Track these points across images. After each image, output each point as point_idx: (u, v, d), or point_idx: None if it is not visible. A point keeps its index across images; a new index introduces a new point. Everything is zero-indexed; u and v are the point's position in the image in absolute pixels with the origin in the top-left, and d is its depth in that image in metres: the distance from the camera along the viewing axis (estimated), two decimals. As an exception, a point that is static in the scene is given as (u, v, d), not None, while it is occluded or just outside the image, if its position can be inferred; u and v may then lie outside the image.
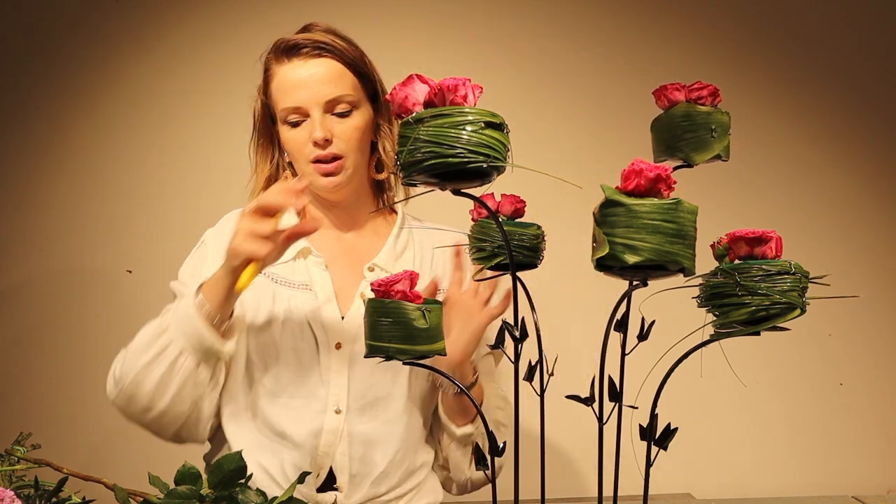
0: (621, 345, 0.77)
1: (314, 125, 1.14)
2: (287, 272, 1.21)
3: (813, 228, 1.83)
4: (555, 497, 1.61)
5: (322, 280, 1.20)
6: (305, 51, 1.15)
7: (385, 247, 1.24)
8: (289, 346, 1.16)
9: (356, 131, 1.18)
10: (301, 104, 1.15)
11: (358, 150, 1.19)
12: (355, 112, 1.18)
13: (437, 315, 0.75)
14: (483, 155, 0.67)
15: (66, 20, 1.79)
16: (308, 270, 1.21)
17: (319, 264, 1.21)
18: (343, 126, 1.16)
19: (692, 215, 0.69)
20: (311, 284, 1.20)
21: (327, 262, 1.22)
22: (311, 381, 1.15)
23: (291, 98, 1.15)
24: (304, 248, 1.21)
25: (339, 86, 1.16)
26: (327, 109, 1.16)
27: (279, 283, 1.20)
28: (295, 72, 1.15)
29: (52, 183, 1.80)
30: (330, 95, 1.15)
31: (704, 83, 0.78)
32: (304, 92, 1.15)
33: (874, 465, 1.85)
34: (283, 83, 1.16)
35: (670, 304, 0.84)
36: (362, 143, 1.20)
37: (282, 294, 1.19)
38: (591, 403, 0.78)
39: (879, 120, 1.85)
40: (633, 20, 1.82)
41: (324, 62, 1.16)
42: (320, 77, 1.15)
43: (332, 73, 1.16)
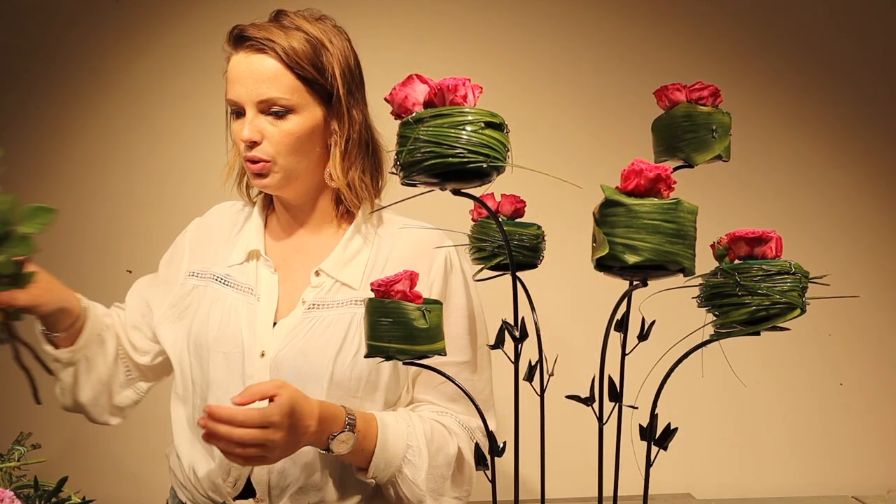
0: (621, 345, 0.77)
1: (244, 124, 1.12)
2: (237, 273, 1.20)
3: (813, 228, 1.83)
4: (555, 497, 1.61)
5: (268, 284, 1.18)
6: (249, 43, 1.11)
7: (334, 251, 1.19)
8: (220, 349, 1.14)
9: (289, 136, 1.12)
10: (237, 99, 1.12)
11: (292, 155, 1.13)
12: (293, 116, 1.12)
13: (438, 315, 0.75)
14: (483, 155, 0.67)
15: (66, 20, 1.79)
16: (257, 273, 1.19)
17: (269, 267, 1.19)
18: (275, 129, 1.12)
19: (692, 215, 0.69)
20: (256, 288, 1.18)
21: (277, 266, 1.20)
22: (234, 390, 1.08)
23: (231, 90, 1.13)
24: (253, 251, 1.20)
25: (273, 87, 1.11)
26: (261, 109, 1.12)
27: (228, 284, 1.19)
28: (238, 64, 1.12)
29: (52, 183, 1.80)
30: (263, 96, 1.11)
31: (705, 83, 0.78)
32: (241, 87, 1.11)
33: (874, 465, 1.85)
34: (230, 73, 1.14)
35: (670, 304, 0.84)
36: (298, 148, 1.14)
37: (226, 296, 1.18)
38: (591, 403, 0.78)
39: (879, 120, 1.85)
40: (633, 20, 1.82)
41: (264, 60, 1.11)
42: (257, 75, 1.11)
43: (270, 73, 1.11)
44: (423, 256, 1.19)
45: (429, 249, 1.20)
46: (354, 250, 1.20)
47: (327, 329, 1.14)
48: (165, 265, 1.28)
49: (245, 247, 1.22)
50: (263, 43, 1.11)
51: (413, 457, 1.10)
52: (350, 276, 1.17)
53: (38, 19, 1.80)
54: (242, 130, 1.11)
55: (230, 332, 1.15)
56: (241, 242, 1.23)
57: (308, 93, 1.14)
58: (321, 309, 1.15)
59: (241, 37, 1.12)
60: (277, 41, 1.11)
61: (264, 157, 1.12)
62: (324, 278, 1.17)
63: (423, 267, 1.18)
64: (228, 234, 1.25)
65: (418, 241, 1.21)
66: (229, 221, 1.27)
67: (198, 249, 1.25)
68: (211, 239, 1.25)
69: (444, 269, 1.19)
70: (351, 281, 1.17)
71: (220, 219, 1.28)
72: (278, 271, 1.20)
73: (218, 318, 1.16)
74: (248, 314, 1.16)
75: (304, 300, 1.16)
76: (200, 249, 1.25)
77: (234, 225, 1.26)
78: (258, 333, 1.15)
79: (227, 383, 1.13)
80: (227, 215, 1.29)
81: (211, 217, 1.30)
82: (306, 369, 1.11)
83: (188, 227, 1.30)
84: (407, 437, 1.11)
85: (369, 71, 1.23)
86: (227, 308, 1.17)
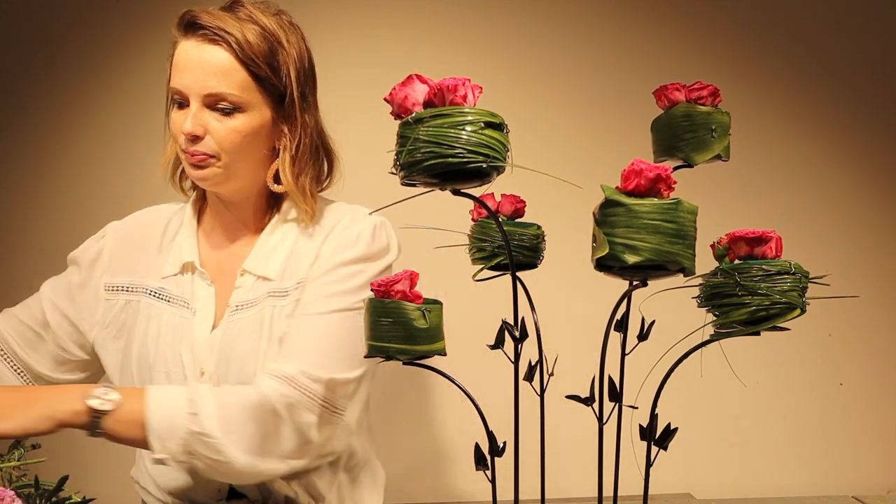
0: (621, 345, 0.77)
1: (186, 115, 1.06)
2: (173, 287, 1.14)
3: (813, 228, 1.83)
4: (555, 497, 1.61)
5: (205, 296, 1.13)
6: (202, 32, 1.05)
7: (254, 247, 1.14)
8: (161, 369, 1.09)
9: (235, 134, 1.06)
10: (182, 89, 1.06)
11: (237, 154, 1.08)
12: (240, 114, 1.06)
13: (438, 315, 0.75)
14: (483, 155, 0.67)
15: (66, 20, 1.79)
16: (192, 285, 1.13)
17: (204, 278, 1.14)
18: (221, 126, 1.06)
19: (692, 215, 0.69)
20: (192, 301, 1.12)
21: (213, 275, 1.14)
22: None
23: (177, 79, 1.06)
24: (187, 263, 1.14)
25: (224, 82, 1.05)
26: (208, 103, 1.06)
27: (162, 298, 1.13)
28: (187, 52, 1.06)
29: (52, 183, 1.80)
30: (211, 90, 1.04)
31: (705, 83, 0.78)
32: (188, 77, 1.05)
33: (874, 465, 1.85)
34: (177, 60, 1.07)
35: (670, 304, 0.84)
36: (243, 148, 1.08)
37: (162, 312, 1.12)
38: (591, 403, 0.78)
39: (879, 120, 1.85)
40: (633, 20, 1.82)
41: (216, 52, 1.05)
42: (207, 67, 1.04)
43: (221, 67, 1.04)
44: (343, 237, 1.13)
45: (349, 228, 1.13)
46: (275, 243, 1.14)
47: (251, 332, 1.09)
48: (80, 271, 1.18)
49: (178, 258, 1.15)
50: (217, 33, 1.05)
51: (199, 408, 0.97)
52: (269, 269, 1.12)
53: (38, 19, 1.80)
54: (184, 122, 1.05)
55: (169, 352, 1.10)
56: (175, 253, 1.16)
57: (259, 91, 1.08)
58: (244, 309, 1.10)
59: (194, 23, 1.06)
60: (233, 33, 1.05)
61: (209, 153, 1.07)
62: (247, 277, 1.12)
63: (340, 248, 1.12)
64: (159, 244, 1.18)
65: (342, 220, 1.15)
66: (158, 230, 1.20)
67: (121, 258, 1.18)
68: (137, 248, 1.18)
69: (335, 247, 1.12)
70: (269, 273, 1.11)
71: (145, 226, 1.21)
72: (214, 282, 1.14)
73: (156, 337, 1.11)
74: (185, 330, 1.10)
75: (230, 304, 1.11)
76: (125, 259, 1.17)
77: (164, 233, 1.19)
78: (195, 351, 1.10)
79: None
80: (155, 222, 1.21)
81: (135, 224, 1.22)
82: (244, 378, 1.07)
83: (105, 230, 1.22)
84: (188, 393, 0.99)
85: (369, 71, 1.23)
86: (165, 325, 1.11)
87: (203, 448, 0.97)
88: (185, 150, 1.07)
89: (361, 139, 1.74)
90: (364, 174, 1.34)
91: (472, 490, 1.73)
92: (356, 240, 1.12)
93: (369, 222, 1.15)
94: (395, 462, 1.78)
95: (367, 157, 1.30)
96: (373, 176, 1.20)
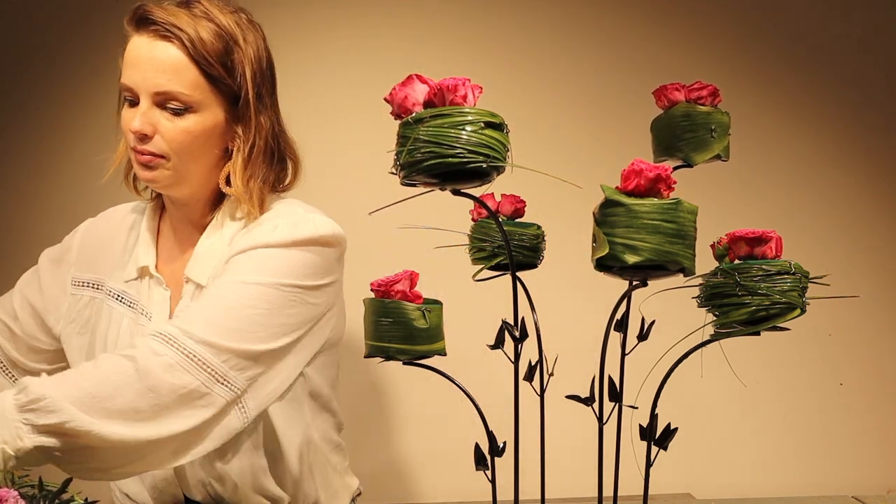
0: (621, 345, 0.77)
1: (135, 113, 1.02)
2: (133, 290, 1.12)
3: (813, 228, 1.83)
4: (555, 497, 1.61)
5: (160, 300, 1.10)
6: (154, 28, 1.01)
7: (193, 254, 1.10)
8: None
9: (186, 135, 1.03)
10: (132, 86, 1.02)
11: (187, 155, 1.04)
12: (191, 114, 1.03)
13: (438, 315, 0.75)
14: (483, 155, 0.67)
15: (66, 20, 1.79)
16: (149, 290, 1.11)
17: (159, 283, 1.11)
18: (171, 125, 1.02)
19: (692, 215, 0.69)
20: (149, 306, 1.10)
21: (168, 279, 1.11)
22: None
23: (127, 75, 1.03)
24: (143, 267, 1.12)
25: (174, 80, 1.01)
26: (158, 102, 1.02)
27: (123, 301, 1.12)
28: (138, 48, 1.02)
29: (52, 183, 1.80)
30: (161, 88, 1.01)
31: (704, 83, 0.78)
32: (138, 74, 1.02)
33: (874, 465, 1.85)
34: (127, 56, 1.04)
35: (670, 304, 0.84)
36: (194, 149, 1.04)
37: (122, 316, 1.11)
38: (591, 403, 0.78)
39: (880, 120, 1.85)
40: (633, 20, 1.82)
41: (168, 49, 1.01)
42: (158, 64, 1.01)
43: (172, 65, 1.01)
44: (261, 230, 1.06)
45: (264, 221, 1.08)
46: (212, 247, 1.10)
47: None
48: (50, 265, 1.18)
49: (136, 261, 1.13)
50: (169, 29, 1.01)
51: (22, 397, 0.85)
52: (202, 275, 1.07)
53: (38, 19, 1.80)
54: (133, 120, 1.02)
55: None
56: (134, 256, 1.14)
57: (212, 91, 1.04)
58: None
59: (145, 19, 1.02)
60: (185, 30, 1.01)
61: (158, 153, 1.03)
62: (189, 284, 1.09)
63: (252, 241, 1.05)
64: (123, 246, 1.17)
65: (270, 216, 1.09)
66: (123, 230, 1.18)
67: (88, 255, 1.17)
68: (103, 247, 1.17)
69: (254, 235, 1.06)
70: (202, 280, 1.07)
71: (113, 226, 1.19)
72: (170, 286, 1.11)
73: (115, 341, 1.09)
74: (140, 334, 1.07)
75: (176, 313, 1.08)
76: (92, 256, 1.16)
77: (127, 235, 1.18)
78: None
79: None
80: (122, 223, 1.19)
81: (103, 222, 1.21)
82: None
83: (79, 226, 1.21)
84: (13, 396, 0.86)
85: (369, 71, 1.23)
86: (123, 330, 1.10)
87: (39, 417, 0.84)
88: (133, 149, 1.05)
89: (361, 139, 1.75)
90: (364, 174, 1.34)
91: (472, 490, 1.73)
92: (272, 230, 1.06)
93: (296, 216, 1.08)
94: (394, 462, 1.78)
95: (367, 157, 1.30)
96: (373, 176, 1.20)
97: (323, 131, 1.69)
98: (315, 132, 1.30)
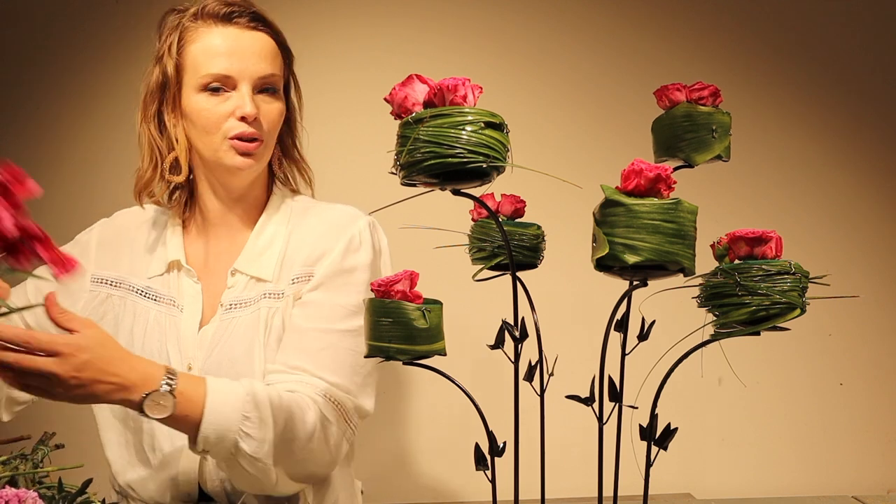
0: (621, 345, 0.77)
1: (244, 100, 1.06)
2: (159, 286, 1.14)
3: (813, 228, 1.83)
4: (555, 497, 1.61)
5: (192, 293, 1.13)
6: (242, 20, 1.08)
7: (245, 247, 1.14)
8: None
9: (279, 115, 1.12)
10: (233, 74, 1.06)
11: (275, 134, 1.13)
12: (279, 95, 1.12)
13: (438, 315, 0.74)
14: (483, 155, 0.67)
15: (67, 20, 1.79)
16: (179, 284, 1.13)
17: (191, 276, 1.14)
18: (269, 107, 1.10)
19: (692, 215, 0.69)
20: (179, 299, 1.12)
21: (202, 272, 1.14)
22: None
23: (221, 64, 1.06)
24: (173, 261, 1.14)
25: (273, 64, 1.09)
26: (256, 87, 1.08)
27: (149, 296, 1.13)
28: (230, 39, 1.07)
29: (52, 183, 1.80)
30: (264, 72, 1.08)
31: (705, 83, 0.78)
32: (237, 62, 1.06)
33: (874, 465, 1.85)
34: (212, 47, 1.06)
35: (670, 304, 0.84)
36: (277, 127, 1.13)
37: (147, 312, 1.12)
38: (591, 403, 0.78)
39: (880, 119, 1.85)
40: (633, 20, 1.82)
41: (261, 37, 1.09)
42: (258, 51, 1.08)
43: (269, 50, 1.09)
44: (333, 237, 1.13)
45: (339, 226, 1.14)
46: (266, 242, 1.14)
47: (246, 331, 1.09)
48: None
49: (164, 257, 1.15)
50: (260, 19, 1.10)
51: (252, 429, 0.95)
52: (263, 270, 1.12)
53: (38, 20, 1.80)
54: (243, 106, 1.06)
55: (155, 348, 1.10)
56: (160, 252, 1.16)
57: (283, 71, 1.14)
58: (238, 308, 1.10)
59: (230, 13, 1.08)
60: (269, 19, 1.11)
61: (260, 136, 1.08)
62: (238, 277, 1.12)
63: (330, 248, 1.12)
64: (144, 243, 1.18)
65: (330, 220, 1.15)
66: (143, 229, 1.20)
67: (107, 254, 1.18)
68: (122, 246, 1.19)
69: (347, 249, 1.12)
70: (264, 274, 1.11)
71: (129, 226, 1.21)
72: (201, 279, 1.14)
73: (142, 334, 1.11)
74: (172, 327, 1.11)
75: (223, 302, 1.11)
76: (111, 255, 1.18)
77: (148, 233, 1.19)
78: (182, 346, 1.10)
79: None
80: (138, 223, 1.21)
81: (121, 222, 1.22)
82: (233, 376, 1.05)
83: (94, 226, 1.23)
84: (243, 408, 0.96)
85: (369, 71, 1.23)
86: (151, 322, 1.11)
87: (249, 465, 0.97)
88: (236, 137, 1.07)
89: (361, 139, 1.74)
90: (364, 174, 1.34)
91: (472, 490, 1.73)
92: (360, 244, 1.13)
93: (364, 222, 1.16)
94: (395, 462, 1.78)
95: (367, 157, 1.30)
96: (373, 176, 1.20)
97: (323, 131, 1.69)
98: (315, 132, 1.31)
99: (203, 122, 1.08)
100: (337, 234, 1.13)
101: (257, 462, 0.96)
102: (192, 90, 1.08)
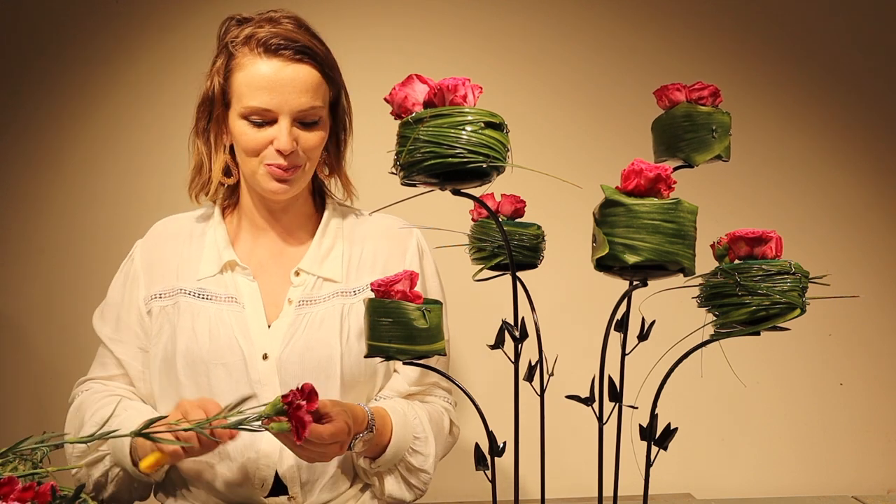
0: (621, 345, 0.77)
1: (282, 133, 1.09)
2: (213, 286, 1.17)
3: (813, 228, 1.83)
4: (555, 497, 1.61)
5: (250, 291, 1.17)
6: (287, 52, 1.09)
7: (310, 250, 1.20)
8: (217, 361, 1.13)
9: (321, 141, 1.15)
10: (272, 108, 1.09)
11: (316, 158, 1.17)
12: (321, 123, 1.14)
13: (438, 315, 0.75)
14: (483, 155, 0.67)
15: (67, 21, 1.79)
16: (235, 282, 1.18)
17: (246, 275, 1.18)
18: (309, 136, 1.13)
19: (692, 215, 0.69)
20: (238, 296, 1.17)
21: (255, 272, 1.19)
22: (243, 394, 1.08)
23: (262, 98, 1.09)
24: (229, 261, 1.18)
25: (314, 96, 1.11)
26: (296, 119, 1.11)
27: (204, 298, 1.17)
28: (272, 72, 1.09)
29: (52, 183, 1.80)
30: (304, 106, 1.10)
31: (705, 83, 0.78)
32: (278, 97, 1.09)
33: (874, 465, 1.85)
34: (256, 79, 1.09)
35: (670, 304, 0.84)
36: (320, 152, 1.18)
37: (206, 310, 1.16)
38: (591, 403, 0.78)
39: (879, 120, 1.85)
40: (633, 20, 1.82)
41: (304, 70, 1.10)
42: (299, 86, 1.10)
43: (311, 83, 1.11)
44: (396, 244, 1.23)
45: (398, 236, 1.24)
46: (328, 246, 1.21)
47: (323, 323, 1.15)
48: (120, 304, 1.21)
49: (216, 258, 1.19)
50: (304, 51, 1.10)
51: (420, 446, 1.15)
52: (330, 271, 1.19)
53: (38, 20, 1.80)
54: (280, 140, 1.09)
55: (224, 343, 1.13)
56: (209, 254, 1.20)
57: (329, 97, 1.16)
58: (310, 305, 1.17)
59: (276, 46, 1.09)
60: (315, 49, 1.12)
61: (299, 164, 1.13)
62: (305, 276, 1.19)
63: (398, 254, 1.23)
64: (187, 248, 1.21)
65: (386, 229, 1.25)
66: (182, 235, 1.23)
67: (154, 272, 1.21)
68: (166, 257, 1.21)
69: (418, 255, 1.24)
70: (332, 275, 1.19)
71: (167, 236, 1.24)
72: (256, 278, 1.19)
73: (206, 331, 1.14)
74: (238, 322, 1.15)
75: (291, 299, 1.17)
76: (158, 271, 1.21)
77: (189, 238, 1.22)
78: (254, 338, 1.14)
79: (236, 392, 1.11)
80: (177, 230, 1.24)
81: (157, 236, 1.25)
82: (313, 365, 1.13)
83: (133, 252, 1.25)
84: (414, 429, 1.15)
85: (369, 71, 1.23)
86: (213, 319, 1.15)
87: (411, 476, 1.16)
88: (274, 166, 1.12)
89: (361, 139, 1.74)
90: (364, 174, 1.34)
91: (472, 490, 1.73)
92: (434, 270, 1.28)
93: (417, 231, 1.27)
94: (395, 462, 1.78)
95: (367, 157, 1.30)
96: (373, 176, 1.20)
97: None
98: (315, 132, 1.31)
99: (244, 146, 1.13)
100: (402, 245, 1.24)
101: (422, 473, 1.16)
102: (235, 114, 1.13)
